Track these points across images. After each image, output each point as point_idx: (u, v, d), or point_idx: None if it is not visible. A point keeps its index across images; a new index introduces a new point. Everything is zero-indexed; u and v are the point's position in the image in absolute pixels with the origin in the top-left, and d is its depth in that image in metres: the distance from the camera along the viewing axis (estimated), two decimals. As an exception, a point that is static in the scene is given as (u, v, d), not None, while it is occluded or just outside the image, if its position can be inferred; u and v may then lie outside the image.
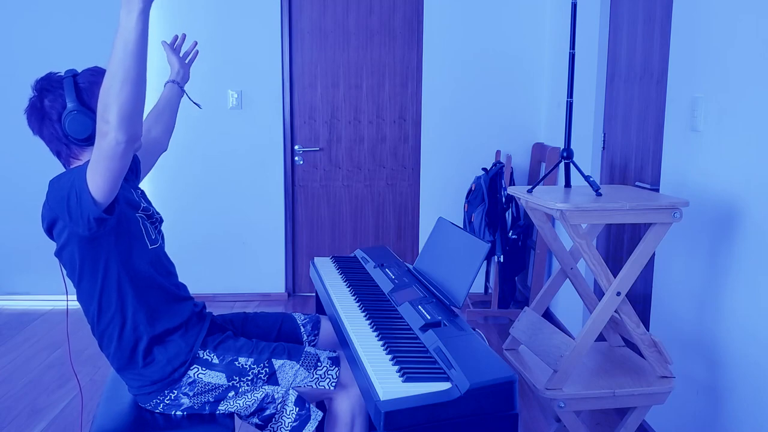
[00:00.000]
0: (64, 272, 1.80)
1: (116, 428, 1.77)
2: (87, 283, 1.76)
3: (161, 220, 1.92)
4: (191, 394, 1.80)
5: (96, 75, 1.78)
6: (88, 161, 1.60)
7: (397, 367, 1.55)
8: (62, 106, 1.73)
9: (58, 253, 1.75)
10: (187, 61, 2.27)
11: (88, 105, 1.73)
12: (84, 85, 1.75)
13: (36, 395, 3.17)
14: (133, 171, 1.95)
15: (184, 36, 2.29)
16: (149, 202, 1.93)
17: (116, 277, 1.75)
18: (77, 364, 3.52)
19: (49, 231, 1.74)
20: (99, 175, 1.55)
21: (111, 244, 1.72)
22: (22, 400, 3.12)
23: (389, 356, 1.62)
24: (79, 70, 1.79)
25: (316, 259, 2.55)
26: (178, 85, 2.22)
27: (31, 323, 4.17)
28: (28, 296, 4.60)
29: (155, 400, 1.81)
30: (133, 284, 1.77)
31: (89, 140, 1.72)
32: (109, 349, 1.82)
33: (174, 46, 2.25)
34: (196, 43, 2.31)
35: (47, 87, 1.75)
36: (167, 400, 1.81)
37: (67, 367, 3.48)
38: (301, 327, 2.11)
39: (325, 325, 2.13)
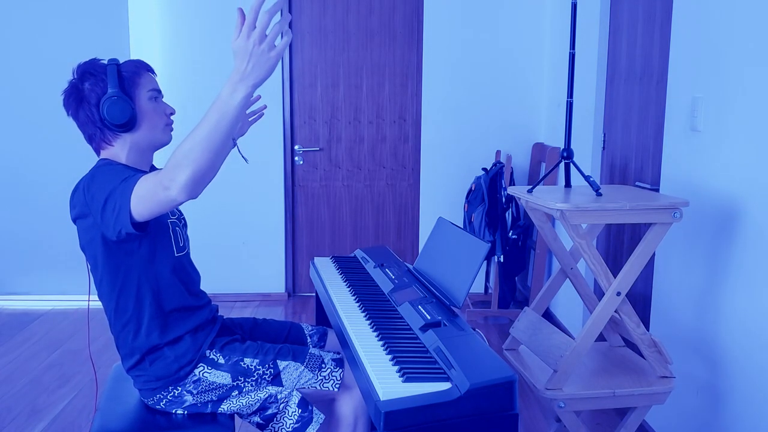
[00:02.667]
0: (89, 266, 1.81)
1: (116, 428, 1.77)
2: (106, 285, 1.77)
3: (186, 224, 1.95)
4: (195, 392, 1.81)
5: (139, 67, 1.81)
6: (137, 180, 1.57)
7: (397, 368, 1.55)
8: (102, 91, 1.75)
9: (83, 248, 1.76)
10: (250, 120, 2.29)
11: (128, 93, 1.76)
12: (127, 74, 1.77)
13: (36, 395, 3.17)
14: None
15: (259, 97, 2.29)
16: (179, 212, 1.95)
17: (136, 283, 1.76)
18: (77, 363, 3.52)
19: (75, 220, 1.74)
20: (145, 208, 1.55)
21: (134, 249, 1.73)
22: (22, 400, 3.12)
23: (389, 356, 1.62)
24: (121, 61, 1.81)
25: (316, 259, 2.55)
26: (233, 140, 2.22)
27: (31, 323, 4.17)
28: (28, 296, 4.61)
29: (159, 396, 1.82)
30: (153, 291, 1.78)
31: (124, 127, 1.75)
32: (123, 350, 1.84)
33: None
34: (265, 107, 2.35)
35: (90, 71, 1.77)
36: (171, 396, 1.81)
37: (67, 368, 3.48)
38: (308, 337, 2.12)
39: (332, 338, 2.14)
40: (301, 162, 4.61)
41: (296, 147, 4.59)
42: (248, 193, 4.57)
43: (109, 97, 1.73)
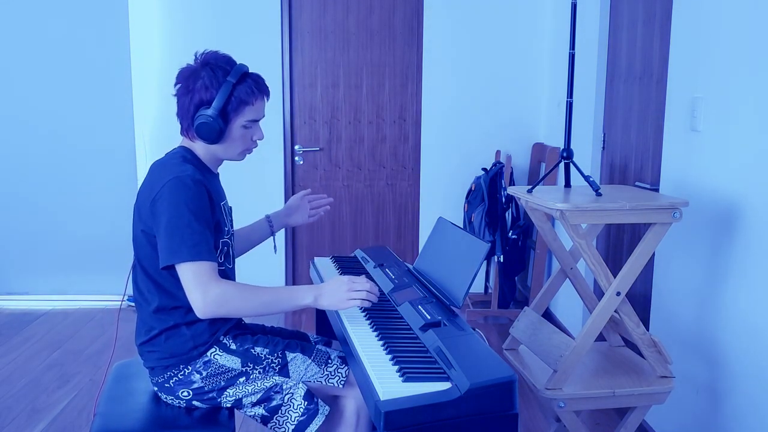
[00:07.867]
0: (134, 246, 1.87)
1: (116, 428, 1.77)
2: (141, 274, 1.84)
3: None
4: (204, 374, 1.83)
5: (252, 95, 1.81)
6: (201, 256, 1.70)
7: (397, 367, 1.55)
8: (207, 99, 1.77)
9: (134, 227, 1.82)
10: (309, 217, 2.28)
11: (227, 116, 1.79)
12: (236, 98, 1.79)
13: (36, 395, 3.17)
14: (226, 220, 1.98)
15: (329, 202, 2.32)
16: (232, 223, 1.99)
17: (167, 282, 1.80)
18: (77, 363, 3.52)
19: (136, 207, 1.82)
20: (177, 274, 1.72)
21: None
22: (22, 400, 3.12)
23: (389, 356, 1.62)
24: (250, 70, 1.85)
25: (316, 259, 2.55)
26: (270, 228, 2.29)
27: (31, 323, 4.17)
28: (28, 296, 4.60)
29: (169, 374, 1.84)
30: (182, 292, 1.80)
31: (211, 141, 1.81)
32: (141, 323, 1.89)
33: (311, 199, 2.29)
34: (329, 207, 2.33)
35: (212, 67, 1.80)
36: (180, 375, 1.83)
37: (67, 368, 3.48)
38: (314, 344, 2.13)
39: (336, 347, 2.15)
40: (302, 162, 4.61)
41: (296, 147, 4.59)
42: (248, 193, 4.56)
43: (207, 115, 1.76)
